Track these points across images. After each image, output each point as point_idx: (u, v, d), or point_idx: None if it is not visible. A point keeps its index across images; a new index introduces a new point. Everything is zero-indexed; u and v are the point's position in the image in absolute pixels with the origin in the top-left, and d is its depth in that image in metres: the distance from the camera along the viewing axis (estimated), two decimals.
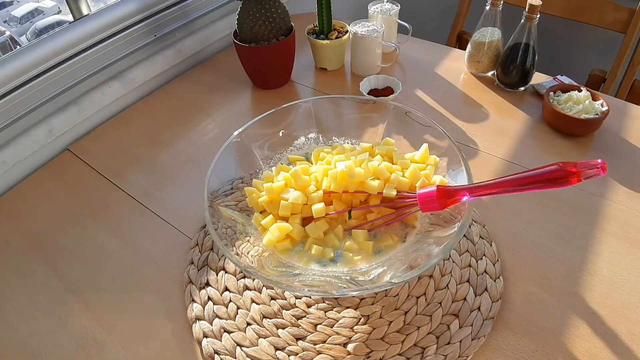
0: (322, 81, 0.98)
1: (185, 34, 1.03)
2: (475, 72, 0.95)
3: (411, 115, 0.63)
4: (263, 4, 0.85)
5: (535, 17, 0.80)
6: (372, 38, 0.90)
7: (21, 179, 0.80)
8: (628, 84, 1.15)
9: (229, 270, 0.61)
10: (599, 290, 0.57)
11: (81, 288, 0.62)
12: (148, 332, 0.56)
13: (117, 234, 0.69)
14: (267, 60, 0.90)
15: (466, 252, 0.61)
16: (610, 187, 0.69)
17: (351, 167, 0.55)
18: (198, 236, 0.66)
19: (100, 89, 0.89)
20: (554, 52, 1.55)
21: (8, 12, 1.61)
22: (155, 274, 0.63)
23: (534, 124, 0.82)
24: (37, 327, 0.58)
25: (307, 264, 0.54)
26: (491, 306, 0.55)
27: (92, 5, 0.91)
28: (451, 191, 0.51)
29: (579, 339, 0.52)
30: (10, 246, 0.68)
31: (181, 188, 0.75)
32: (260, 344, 0.54)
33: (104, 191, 0.76)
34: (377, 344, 0.53)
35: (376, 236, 0.56)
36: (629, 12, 1.09)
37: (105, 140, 0.87)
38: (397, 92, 0.86)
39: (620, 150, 0.76)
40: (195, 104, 0.94)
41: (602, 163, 0.42)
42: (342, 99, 0.69)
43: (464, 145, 0.79)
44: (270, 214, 0.57)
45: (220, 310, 0.57)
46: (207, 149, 0.83)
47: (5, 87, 0.77)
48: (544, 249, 0.62)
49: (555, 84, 0.88)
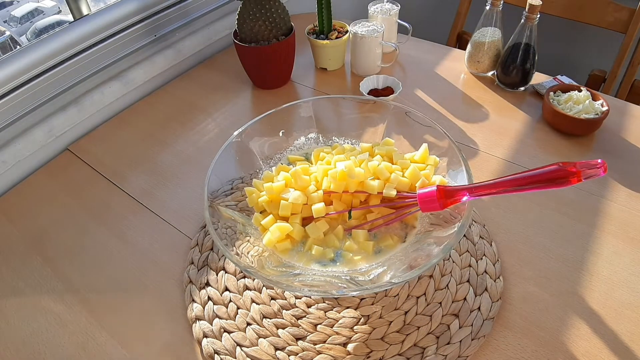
0: (322, 81, 0.98)
1: (185, 34, 1.03)
2: (475, 72, 0.95)
3: (411, 115, 0.63)
4: (263, 4, 0.85)
5: (535, 17, 0.80)
6: (372, 38, 0.90)
7: (21, 179, 0.81)
8: (628, 84, 1.15)
9: (229, 270, 0.61)
10: (599, 290, 0.57)
11: (81, 288, 0.62)
12: (148, 332, 0.57)
13: (117, 234, 0.69)
14: (267, 60, 0.90)
15: (466, 252, 0.61)
16: (610, 187, 0.69)
17: (351, 167, 0.55)
18: (198, 236, 0.66)
19: (100, 89, 0.89)
20: (554, 52, 1.55)
21: (8, 12, 1.61)
22: (155, 274, 0.63)
23: (534, 124, 0.82)
24: (37, 327, 0.58)
25: (307, 264, 0.54)
26: (491, 306, 0.55)
27: (92, 5, 0.91)
28: (451, 191, 0.51)
29: (579, 339, 0.52)
30: (10, 246, 0.68)
31: (181, 188, 0.75)
32: (260, 344, 0.54)
33: (104, 191, 0.76)
34: (377, 344, 0.53)
35: (376, 236, 0.56)
36: (629, 12, 1.09)
37: (105, 140, 0.87)
38: (397, 92, 0.86)
39: (620, 150, 0.76)
40: (195, 104, 0.94)
41: (602, 163, 0.42)
42: (342, 99, 0.69)
43: (464, 145, 0.79)
44: (270, 214, 0.57)
45: (220, 310, 0.57)
46: (207, 149, 0.83)
47: (5, 87, 0.77)
48: (544, 249, 0.62)
49: (556, 84, 0.88)
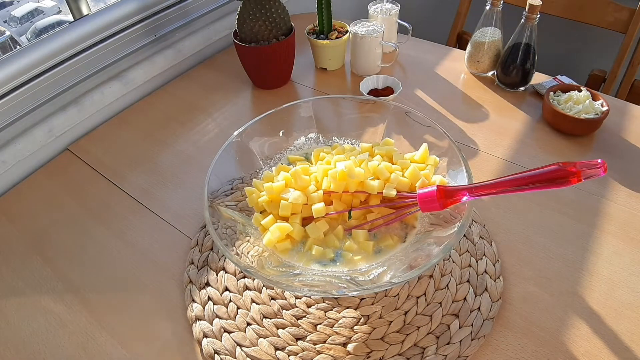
0: (322, 81, 0.98)
1: (185, 34, 1.03)
2: (475, 72, 0.95)
3: (411, 115, 0.63)
4: (263, 4, 0.85)
5: (535, 17, 0.80)
6: (372, 38, 0.90)
7: (21, 179, 0.81)
8: (628, 84, 1.15)
9: (229, 270, 0.61)
10: (599, 290, 0.57)
11: (81, 288, 0.62)
12: (148, 332, 0.57)
13: (117, 234, 0.69)
14: (267, 60, 0.90)
15: (466, 252, 0.61)
16: (610, 187, 0.69)
17: (351, 167, 0.55)
18: (198, 236, 0.66)
19: (100, 89, 0.89)
20: (554, 52, 1.55)
21: (8, 12, 1.61)
22: (155, 274, 0.63)
23: (534, 124, 0.82)
24: (37, 327, 0.58)
25: (307, 264, 0.54)
26: (491, 306, 0.55)
27: (92, 5, 0.91)
28: (451, 191, 0.51)
29: (579, 339, 0.52)
30: (10, 246, 0.68)
31: (181, 188, 0.75)
32: (260, 344, 0.54)
33: (104, 191, 0.76)
34: (377, 344, 0.53)
35: (376, 236, 0.56)
36: (629, 12, 1.09)
37: (105, 140, 0.87)
38: (397, 92, 0.86)
39: (620, 150, 0.76)
40: (195, 104, 0.94)
41: (602, 163, 0.42)
42: (342, 99, 0.69)
43: (464, 145, 0.79)
44: (270, 214, 0.57)
45: (220, 310, 0.57)
46: (207, 149, 0.83)
47: (5, 87, 0.77)
48: (544, 249, 0.62)
49: (556, 84, 0.88)
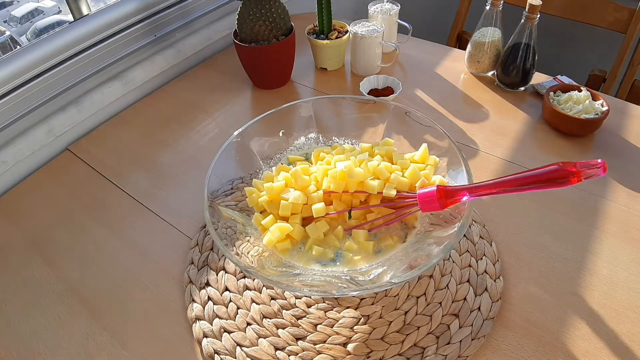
0: (322, 81, 0.98)
1: (185, 34, 1.03)
2: (475, 72, 0.95)
3: (411, 115, 0.63)
4: (263, 4, 0.85)
5: (535, 17, 0.80)
6: (372, 38, 0.90)
7: (21, 179, 0.81)
8: (628, 84, 1.15)
9: (229, 270, 0.61)
10: (599, 290, 0.57)
11: (81, 288, 0.62)
12: (148, 332, 0.57)
13: (117, 234, 0.69)
14: (267, 60, 0.90)
15: (466, 252, 0.61)
16: (610, 187, 0.69)
17: (351, 167, 0.55)
18: (198, 236, 0.66)
19: (100, 89, 0.89)
20: (554, 52, 1.55)
21: (8, 12, 1.61)
22: (155, 274, 0.63)
23: (534, 124, 0.82)
24: (37, 327, 0.58)
25: (307, 264, 0.54)
26: (491, 306, 0.55)
27: (92, 5, 0.91)
28: (451, 191, 0.51)
29: (579, 339, 0.52)
30: (10, 246, 0.68)
31: (181, 188, 0.75)
32: (260, 344, 0.54)
33: (104, 191, 0.76)
34: (377, 344, 0.53)
35: (376, 236, 0.56)
36: (629, 12, 1.09)
37: (105, 140, 0.87)
38: (397, 92, 0.86)
39: (620, 150, 0.76)
40: (195, 104, 0.94)
41: (602, 163, 0.42)
42: (342, 99, 0.69)
43: (464, 145, 0.79)
44: (270, 214, 0.57)
45: (220, 310, 0.57)
46: (207, 149, 0.83)
47: (5, 87, 0.77)
48: (544, 249, 0.62)
49: (556, 84, 0.88)
